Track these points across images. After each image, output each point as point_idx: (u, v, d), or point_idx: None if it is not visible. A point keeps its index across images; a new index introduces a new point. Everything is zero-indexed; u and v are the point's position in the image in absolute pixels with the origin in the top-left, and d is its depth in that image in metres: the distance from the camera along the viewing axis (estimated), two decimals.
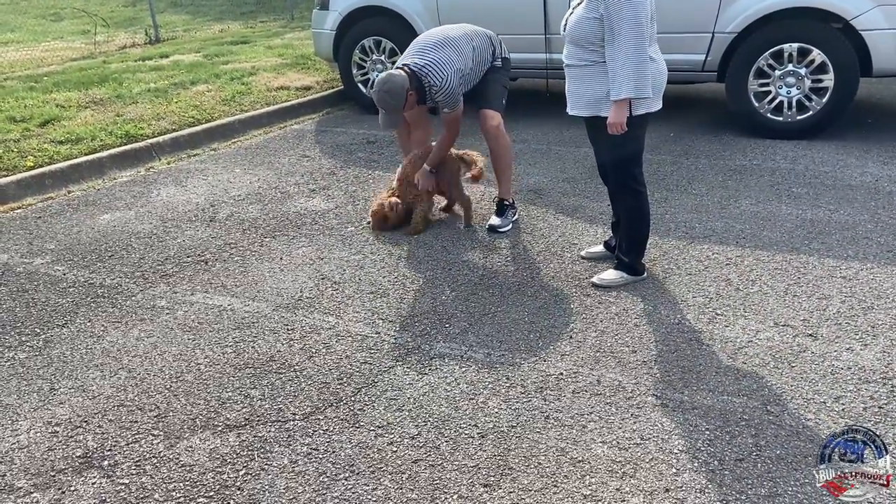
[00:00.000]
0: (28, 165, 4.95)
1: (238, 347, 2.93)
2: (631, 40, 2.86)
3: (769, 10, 4.97)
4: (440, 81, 3.65)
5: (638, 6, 2.85)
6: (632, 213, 3.25)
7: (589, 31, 2.97)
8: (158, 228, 4.16)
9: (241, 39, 10.27)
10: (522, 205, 4.23)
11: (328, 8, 6.50)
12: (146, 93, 6.83)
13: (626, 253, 3.30)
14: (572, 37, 3.06)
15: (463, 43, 3.81)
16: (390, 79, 3.62)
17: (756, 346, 2.77)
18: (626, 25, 2.85)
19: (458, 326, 3.01)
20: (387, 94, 3.60)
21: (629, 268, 3.30)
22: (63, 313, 3.26)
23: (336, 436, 2.40)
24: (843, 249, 3.50)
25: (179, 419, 2.51)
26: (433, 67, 3.66)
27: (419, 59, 3.71)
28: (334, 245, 3.85)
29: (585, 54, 3.03)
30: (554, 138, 5.53)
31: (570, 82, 3.17)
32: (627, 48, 2.86)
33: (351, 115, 6.63)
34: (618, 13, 2.86)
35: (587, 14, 2.96)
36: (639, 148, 3.17)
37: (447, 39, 3.80)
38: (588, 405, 2.48)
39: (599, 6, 2.91)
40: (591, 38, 2.97)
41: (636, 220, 3.26)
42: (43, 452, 2.39)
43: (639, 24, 2.85)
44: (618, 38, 2.88)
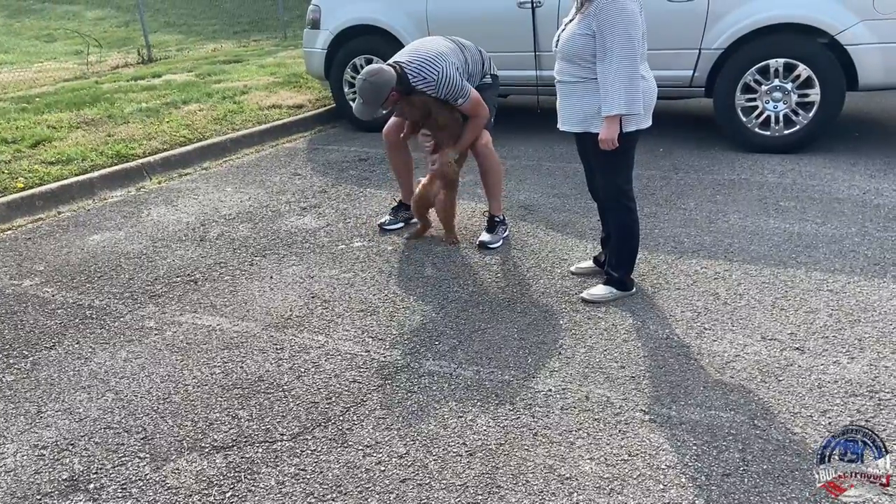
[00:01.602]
0: (18, 187, 4.95)
1: (226, 368, 2.93)
2: (622, 57, 2.89)
3: (755, 27, 5.03)
4: (436, 75, 3.65)
5: (630, 24, 2.89)
6: (622, 229, 3.26)
7: (580, 47, 3.00)
8: (148, 248, 4.16)
9: (233, 58, 10.33)
10: (513, 221, 4.24)
11: (319, 27, 6.55)
12: (138, 112, 6.84)
13: (616, 268, 3.31)
14: (564, 53, 3.09)
15: (455, 47, 3.86)
16: (379, 73, 3.65)
17: (744, 360, 2.78)
18: (617, 42, 2.88)
19: (448, 344, 3.01)
20: (371, 85, 3.63)
21: (618, 283, 3.30)
22: (51, 335, 3.25)
23: (324, 456, 2.39)
24: (830, 263, 3.51)
25: (166, 441, 2.50)
26: (426, 63, 3.68)
27: (412, 58, 3.74)
28: (325, 263, 3.85)
29: (577, 70, 3.06)
30: (544, 154, 5.56)
31: (562, 98, 3.20)
32: (619, 65, 2.89)
33: (342, 133, 6.66)
34: (610, 30, 2.89)
35: (579, 31, 3.00)
36: (629, 164, 3.19)
37: (439, 43, 3.86)
38: (576, 422, 2.48)
39: (592, 23, 2.94)
40: (583, 55, 3.00)
41: (626, 236, 3.27)
42: (29, 476, 2.37)
43: (630, 40, 2.89)
44: (609, 55, 2.91)
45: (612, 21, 2.88)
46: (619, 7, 2.89)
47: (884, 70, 4.87)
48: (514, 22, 5.68)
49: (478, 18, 5.82)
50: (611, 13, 2.89)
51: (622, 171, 3.17)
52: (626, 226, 3.25)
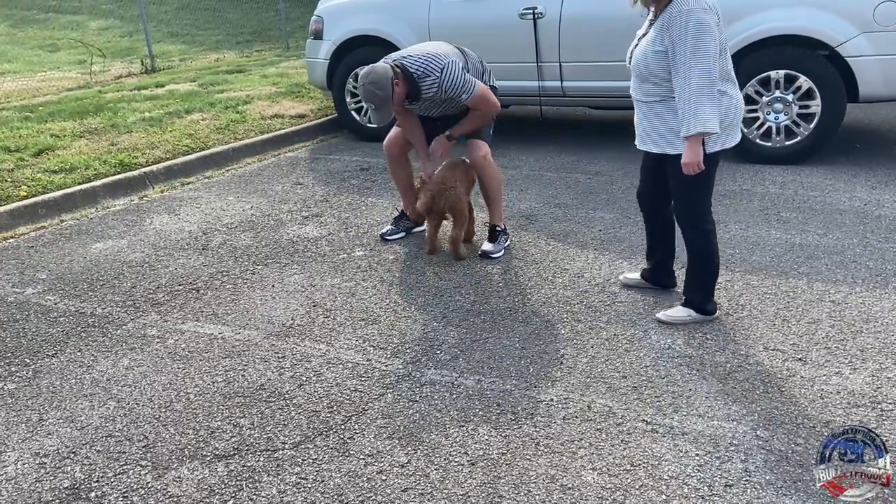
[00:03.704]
0: (21, 195, 4.97)
1: (228, 376, 2.93)
2: (698, 73, 2.70)
3: (756, 38, 5.05)
4: (438, 69, 3.62)
5: (705, 36, 2.70)
6: (700, 254, 3.07)
7: (656, 65, 2.83)
8: (150, 257, 4.17)
9: (236, 68, 10.36)
10: (514, 230, 4.25)
11: (322, 38, 6.58)
12: (141, 122, 6.87)
13: (696, 292, 3.12)
14: (638, 72, 2.93)
15: (456, 49, 3.87)
16: (373, 70, 3.62)
17: (746, 370, 2.77)
18: (690, 55, 2.70)
19: (449, 353, 3.01)
20: (371, 84, 3.59)
21: (698, 307, 3.12)
22: (53, 343, 3.26)
23: (325, 465, 2.38)
24: (832, 273, 3.52)
25: (168, 449, 2.50)
26: (426, 59, 3.65)
27: (409, 55, 3.73)
28: (326, 272, 3.86)
29: (654, 89, 2.90)
30: (545, 164, 5.57)
31: (639, 118, 3.05)
32: (695, 81, 2.71)
33: (344, 143, 6.68)
34: (682, 43, 2.72)
35: (653, 47, 2.83)
36: (710, 186, 3.00)
37: (439, 44, 3.88)
38: (578, 431, 2.48)
39: (665, 38, 2.78)
40: (659, 73, 2.84)
41: (706, 261, 3.08)
42: (31, 484, 2.37)
43: (706, 54, 2.70)
44: (684, 70, 2.73)
45: (685, 33, 2.70)
46: (694, 19, 2.70)
47: (884, 82, 4.89)
48: (516, 32, 5.71)
49: (480, 29, 5.85)
50: (685, 25, 2.71)
51: (703, 194, 2.99)
52: (704, 251, 3.06)
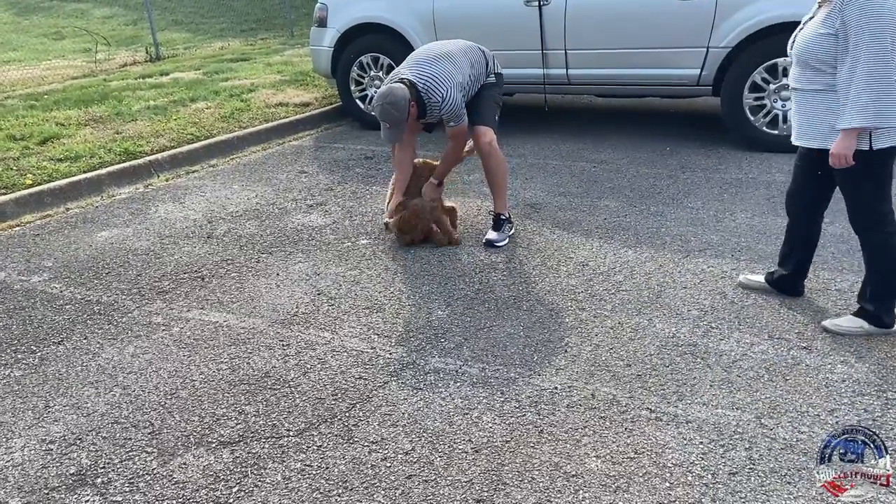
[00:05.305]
0: (27, 183, 4.98)
1: (233, 364, 2.94)
2: (870, 60, 2.47)
3: (763, 25, 5.00)
4: (442, 96, 3.65)
5: (886, 21, 2.44)
6: (879, 259, 2.80)
7: (822, 48, 2.61)
8: (156, 245, 4.18)
9: (241, 57, 10.35)
10: (518, 219, 4.24)
11: (326, 25, 6.56)
12: (146, 110, 6.87)
13: (872, 301, 2.84)
14: (800, 57, 2.72)
15: (459, 56, 3.83)
16: (392, 91, 3.63)
17: (750, 359, 2.77)
18: (865, 40, 2.47)
19: (453, 341, 3.01)
20: (390, 105, 3.60)
21: (874, 318, 2.84)
22: (59, 330, 3.27)
23: (330, 452, 2.39)
24: (837, 262, 3.50)
25: (174, 436, 2.51)
26: (433, 82, 3.66)
27: (418, 73, 3.72)
28: (331, 260, 3.86)
29: (817, 77, 2.68)
30: (550, 153, 5.55)
31: (798, 109, 2.82)
32: (865, 69, 2.47)
33: (349, 131, 6.67)
34: (858, 25, 2.47)
35: (821, 30, 2.61)
36: (887, 183, 2.73)
37: (443, 54, 3.83)
38: (582, 419, 2.48)
39: (836, 20, 2.55)
40: (825, 59, 2.62)
41: (886, 268, 2.80)
42: (37, 470, 2.38)
43: (883, 40, 2.45)
44: (854, 56, 2.50)
45: (862, 15, 2.45)
46: (874, 2, 2.46)
47: None
48: (522, 20, 5.67)
49: (485, 17, 5.82)
50: (862, 6, 2.47)
51: (878, 192, 2.72)
52: (884, 255, 2.79)
